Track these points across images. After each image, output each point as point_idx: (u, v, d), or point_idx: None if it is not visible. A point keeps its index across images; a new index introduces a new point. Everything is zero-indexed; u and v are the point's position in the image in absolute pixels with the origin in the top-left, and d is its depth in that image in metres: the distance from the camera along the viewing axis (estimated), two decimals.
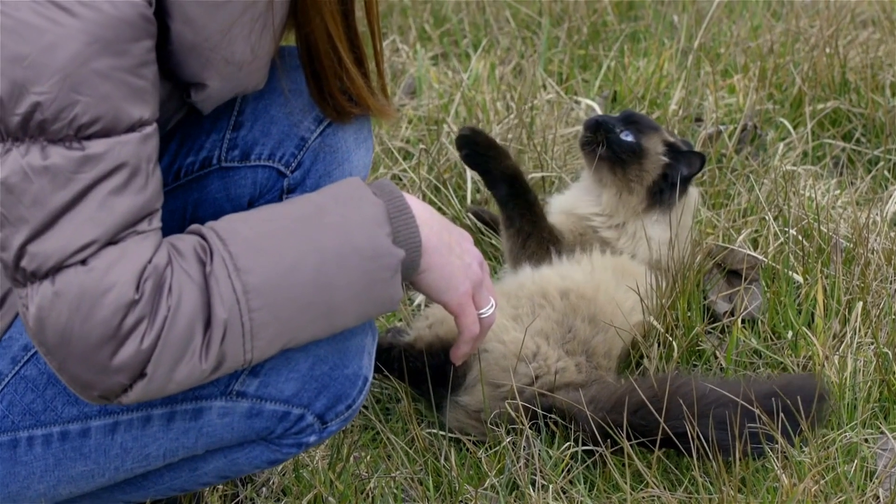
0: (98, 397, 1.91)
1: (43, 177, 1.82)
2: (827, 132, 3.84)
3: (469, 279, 2.19)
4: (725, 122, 3.82)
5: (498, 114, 3.79)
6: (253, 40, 1.99)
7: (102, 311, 1.84)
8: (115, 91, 1.84)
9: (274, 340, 1.97)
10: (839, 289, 3.07)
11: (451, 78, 4.12)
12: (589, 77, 4.13)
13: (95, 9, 1.81)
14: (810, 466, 2.59)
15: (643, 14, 4.52)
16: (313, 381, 2.12)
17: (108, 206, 1.85)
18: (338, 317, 2.02)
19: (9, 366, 2.07)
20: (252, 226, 1.97)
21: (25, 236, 1.84)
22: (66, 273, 1.84)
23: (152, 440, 2.10)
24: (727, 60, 4.17)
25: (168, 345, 1.88)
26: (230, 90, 2.06)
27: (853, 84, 3.91)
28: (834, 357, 2.90)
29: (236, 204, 2.20)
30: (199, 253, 1.92)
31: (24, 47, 1.80)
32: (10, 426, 2.07)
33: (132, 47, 1.84)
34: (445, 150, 3.59)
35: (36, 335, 1.87)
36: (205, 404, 2.09)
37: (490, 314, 2.26)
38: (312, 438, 2.18)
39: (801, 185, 3.52)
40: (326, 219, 2.00)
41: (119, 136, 1.85)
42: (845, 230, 3.31)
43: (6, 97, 1.81)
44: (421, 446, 2.71)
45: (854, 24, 4.30)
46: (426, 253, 2.10)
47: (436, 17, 4.50)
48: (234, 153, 2.20)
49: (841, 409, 2.80)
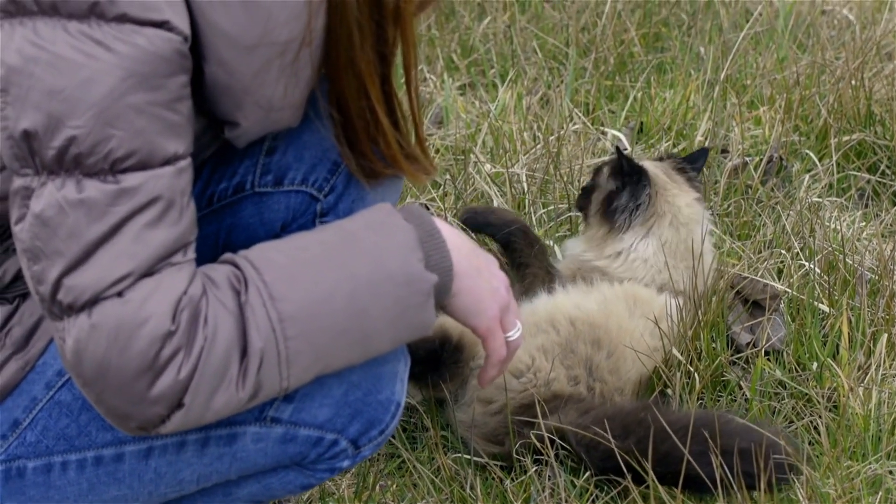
0: (136, 428, 1.91)
1: (78, 210, 1.83)
2: (852, 164, 3.85)
3: (497, 303, 2.20)
4: (751, 153, 3.84)
5: (525, 144, 3.81)
6: (282, 87, 2.00)
7: (140, 342, 1.85)
8: (150, 125, 1.85)
9: (310, 368, 1.98)
10: (864, 321, 3.08)
11: (479, 108, 4.15)
12: (615, 108, 4.15)
13: (131, 44, 1.83)
14: (835, 498, 2.59)
15: (670, 45, 4.54)
16: (347, 407, 2.13)
17: (144, 238, 1.86)
18: (372, 343, 2.03)
19: (43, 391, 2.08)
20: (285, 254, 1.98)
21: (61, 269, 1.85)
22: (103, 305, 1.85)
23: (186, 465, 2.10)
24: (753, 92, 4.18)
25: (205, 375, 1.88)
26: (263, 129, 2.07)
27: (878, 116, 3.92)
28: (858, 389, 2.90)
29: (269, 229, 2.21)
30: (234, 282, 1.93)
31: (60, 81, 1.81)
32: (44, 451, 2.08)
33: (167, 82, 1.86)
34: (472, 180, 3.61)
35: (74, 368, 1.88)
36: (239, 430, 2.10)
37: (517, 337, 2.26)
38: (346, 463, 2.19)
39: (826, 217, 3.53)
40: (358, 246, 2.01)
41: (154, 170, 1.86)
42: (870, 262, 3.32)
43: (42, 131, 1.82)
44: (447, 475, 2.73)
45: (879, 56, 4.31)
46: (457, 277, 2.11)
47: (463, 47, 4.53)
48: (268, 178, 2.21)
49: (866, 441, 2.81)
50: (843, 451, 2.77)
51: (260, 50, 1.95)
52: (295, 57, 1.98)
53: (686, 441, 2.54)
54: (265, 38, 1.94)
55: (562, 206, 3.53)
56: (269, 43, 1.95)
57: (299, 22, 1.96)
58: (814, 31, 4.63)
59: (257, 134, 2.09)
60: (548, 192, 3.60)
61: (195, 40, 1.91)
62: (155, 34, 1.84)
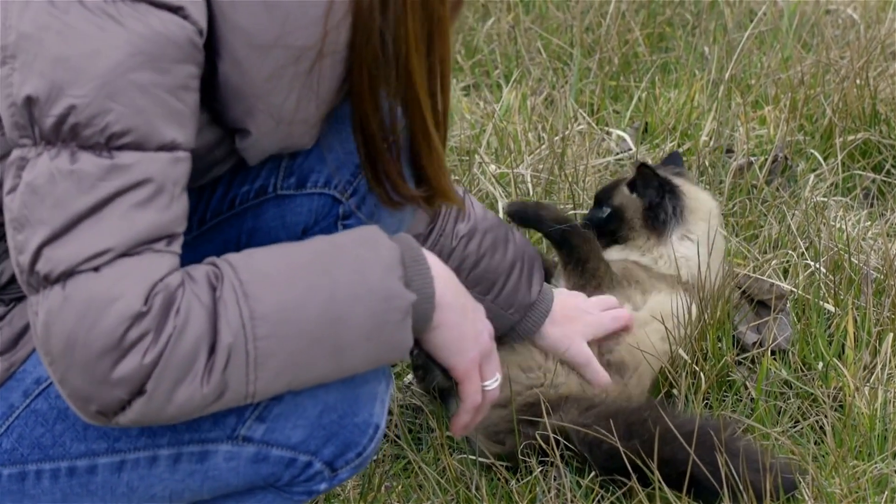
0: (96, 413, 1.89)
1: (68, 180, 1.83)
2: (857, 163, 3.84)
3: (479, 347, 2.17)
4: (756, 153, 3.84)
5: (529, 144, 3.82)
6: (294, 98, 1.99)
7: (108, 319, 1.83)
8: (151, 106, 1.84)
9: (279, 374, 1.95)
10: (869, 320, 3.08)
11: (483, 108, 4.15)
12: (620, 108, 4.15)
13: (144, 23, 1.83)
14: (841, 498, 2.59)
15: (674, 45, 4.54)
16: (321, 429, 2.10)
17: (129, 218, 1.84)
18: (346, 357, 2.00)
19: (21, 398, 2.07)
20: (267, 258, 1.97)
21: (43, 238, 1.83)
22: (77, 279, 1.83)
23: (158, 480, 2.09)
24: (758, 92, 4.18)
25: (170, 363, 1.86)
26: (274, 143, 2.06)
27: (883, 115, 3.92)
28: (864, 388, 2.90)
29: (291, 232, 2.19)
30: (211, 279, 1.91)
31: (67, 49, 1.81)
32: (19, 458, 2.07)
33: (175, 68, 1.86)
34: (477, 181, 3.61)
35: (42, 343, 1.86)
36: (211, 447, 2.08)
37: (494, 387, 2.23)
38: (323, 486, 2.16)
39: (831, 217, 3.53)
40: (341, 256, 2.00)
41: (149, 152, 1.85)
42: (876, 261, 3.32)
43: (43, 97, 1.82)
44: (452, 476, 2.73)
45: (884, 55, 4.31)
46: (440, 308, 2.09)
47: (467, 48, 4.53)
48: (290, 181, 2.19)
49: (871, 441, 2.80)
50: (849, 450, 2.77)
51: (274, 52, 1.94)
52: (310, 66, 1.97)
53: (692, 444, 2.54)
54: (281, 40, 1.94)
55: (567, 206, 3.53)
56: (284, 46, 1.94)
57: (316, 30, 1.95)
58: (818, 30, 4.63)
59: (269, 149, 2.08)
60: (553, 192, 3.60)
61: (211, 37, 1.91)
62: (169, 18, 1.84)
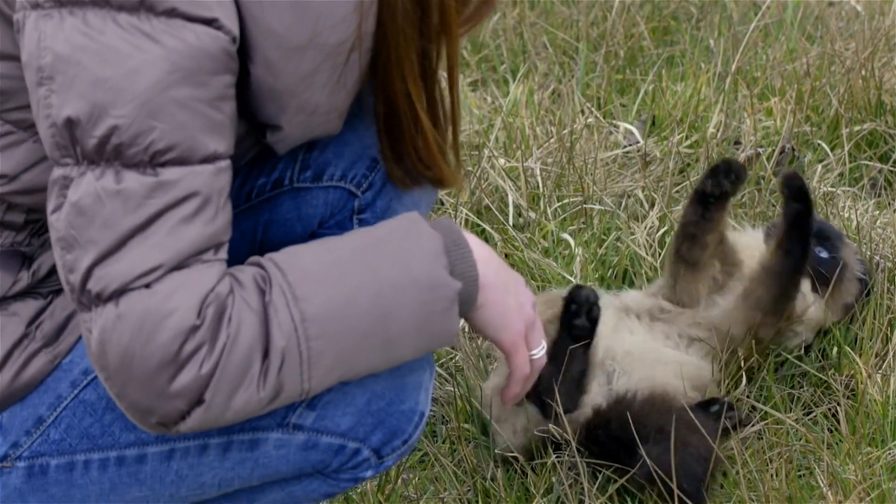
0: (156, 424, 1.92)
1: (115, 200, 1.84)
2: (864, 154, 3.86)
3: (523, 319, 2.19)
4: (763, 144, 3.85)
5: (537, 139, 3.83)
6: (328, 91, 2.00)
7: (163, 334, 1.85)
8: (192, 121, 1.86)
9: (332, 370, 1.97)
10: (882, 308, 3.09)
11: (490, 103, 4.16)
12: (627, 101, 4.16)
13: (179, 38, 1.84)
14: (855, 483, 2.61)
15: (679, 39, 4.55)
16: (370, 416, 2.12)
17: (177, 233, 1.86)
18: (395, 348, 2.02)
19: (68, 389, 2.09)
20: (310, 256, 1.99)
21: (93, 258, 1.86)
22: (130, 296, 1.86)
23: (208, 469, 2.10)
24: (764, 84, 4.19)
25: (226, 372, 1.88)
26: (304, 134, 2.08)
27: (889, 105, 3.93)
28: (877, 375, 2.92)
29: (307, 224, 2.22)
30: (259, 283, 1.93)
31: (106, 71, 1.82)
32: (67, 449, 2.08)
33: (212, 80, 1.87)
34: (486, 175, 3.62)
35: (98, 359, 1.89)
36: (261, 435, 2.10)
37: (541, 356, 2.24)
38: (369, 472, 2.18)
39: (839, 207, 3.55)
40: (384, 250, 2.01)
41: (193, 166, 1.87)
42: (885, 250, 3.33)
43: (85, 119, 1.83)
44: (469, 467, 2.74)
45: (889, 46, 4.32)
46: (483, 289, 2.10)
47: (473, 44, 4.54)
48: (307, 174, 2.21)
49: (885, 427, 2.82)
50: (863, 437, 2.79)
51: (308, 53, 1.95)
52: (345, 60, 1.99)
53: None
54: (314, 40, 1.94)
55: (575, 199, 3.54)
56: (317, 45, 1.95)
57: (349, 24, 1.96)
58: (822, 22, 4.64)
59: (298, 140, 2.09)
60: (562, 185, 3.62)
61: (242, 40, 1.91)
62: (204, 31, 1.85)
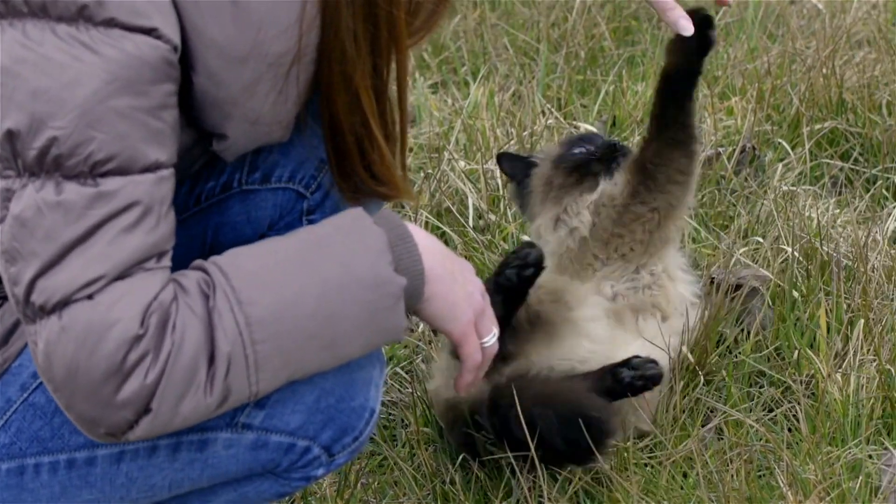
0: (105, 434, 1.91)
1: (56, 212, 1.83)
2: (825, 152, 3.86)
3: (472, 308, 2.19)
4: (724, 143, 3.85)
5: (498, 140, 3.82)
6: (271, 101, 2.00)
7: (107, 345, 1.85)
8: (132, 131, 1.85)
9: (279, 373, 1.97)
10: (840, 307, 3.09)
11: (451, 105, 4.15)
12: (588, 102, 4.15)
13: (118, 48, 1.83)
14: (815, 483, 2.60)
15: (640, 39, 4.55)
16: (319, 414, 2.12)
17: (118, 242, 1.86)
18: (342, 347, 2.02)
19: (18, 392, 2.08)
20: (254, 259, 1.98)
21: (35, 270, 1.85)
22: (73, 308, 1.85)
23: (158, 470, 2.10)
24: (725, 83, 4.19)
25: (172, 380, 1.88)
26: (250, 142, 2.07)
27: (850, 104, 3.94)
28: (836, 374, 2.92)
29: (257, 226, 2.21)
30: (203, 288, 1.92)
31: (45, 82, 1.82)
32: (17, 452, 2.07)
33: (152, 89, 1.86)
34: (447, 178, 3.61)
35: (45, 372, 1.88)
36: (210, 436, 2.09)
37: (492, 343, 2.24)
38: (320, 471, 2.17)
39: (800, 206, 3.55)
40: (328, 250, 2.01)
41: (133, 176, 1.86)
42: (845, 249, 3.33)
43: (25, 131, 1.83)
44: (428, 471, 2.73)
45: (850, 44, 4.33)
46: (430, 282, 2.10)
47: (434, 46, 4.53)
48: (255, 176, 2.20)
49: (845, 426, 2.82)
50: (823, 436, 2.79)
51: (250, 62, 1.95)
52: (286, 71, 1.98)
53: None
54: (256, 50, 1.94)
55: None
56: (259, 55, 1.95)
57: (291, 36, 1.96)
58: (783, 20, 4.65)
59: (244, 148, 2.09)
60: None
61: (184, 50, 1.90)
62: (143, 41, 1.84)
